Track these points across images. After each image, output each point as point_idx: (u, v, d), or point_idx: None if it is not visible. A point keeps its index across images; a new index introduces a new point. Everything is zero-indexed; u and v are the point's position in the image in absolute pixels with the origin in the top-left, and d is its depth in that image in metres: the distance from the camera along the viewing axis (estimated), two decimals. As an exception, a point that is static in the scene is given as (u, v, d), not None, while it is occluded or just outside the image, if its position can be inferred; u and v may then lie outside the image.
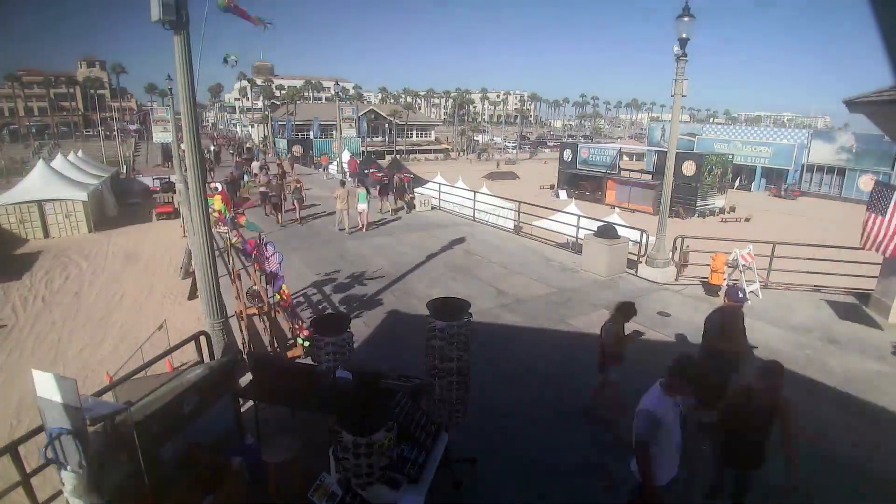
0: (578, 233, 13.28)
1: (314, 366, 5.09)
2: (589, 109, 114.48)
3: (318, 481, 3.65)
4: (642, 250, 11.75)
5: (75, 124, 76.71)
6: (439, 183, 21.98)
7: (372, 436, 3.25)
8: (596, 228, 11.81)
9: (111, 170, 37.49)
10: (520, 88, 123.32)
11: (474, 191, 20.28)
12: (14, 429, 9.56)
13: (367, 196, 15.19)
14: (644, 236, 11.73)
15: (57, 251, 21.95)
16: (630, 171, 39.14)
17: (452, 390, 4.54)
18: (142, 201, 31.89)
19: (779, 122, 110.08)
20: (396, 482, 3.64)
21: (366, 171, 28.24)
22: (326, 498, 3.51)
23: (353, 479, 3.42)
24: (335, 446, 3.48)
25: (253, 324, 7.92)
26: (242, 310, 7.52)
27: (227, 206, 8.28)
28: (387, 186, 18.62)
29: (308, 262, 11.84)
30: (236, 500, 3.95)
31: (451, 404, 4.58)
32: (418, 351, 4.86)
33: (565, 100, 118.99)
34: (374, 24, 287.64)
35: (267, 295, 7.76)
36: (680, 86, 9.75)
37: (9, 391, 11.07)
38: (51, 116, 75.05)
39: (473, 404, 4.95)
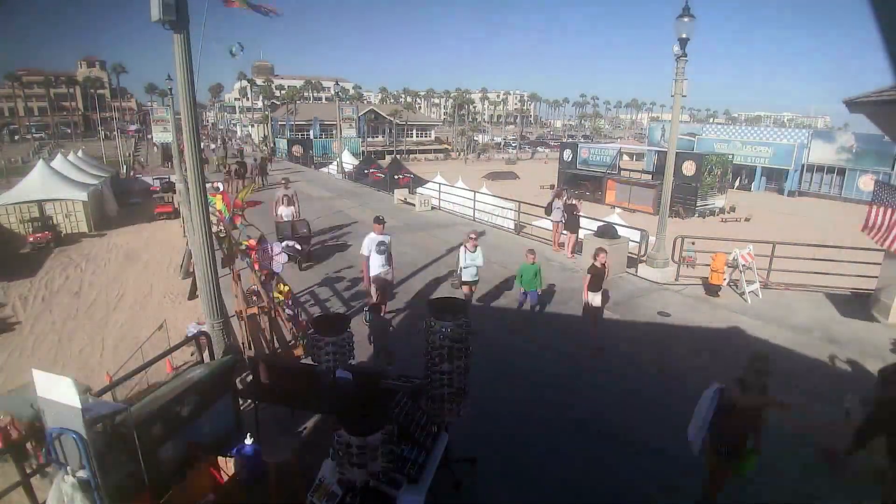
0: (578, 233, 13.27)
1: (314, 366, 5.09)
2: (589, 109, 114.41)
3: (317, 481, 3.65)
4: (642, 250, 11.75)
5: (75, 124, 76.68)
6: (439, 183, 21.98)
7: (367, 437, 3.24)
8: (596, 228, 11.81)
9: (111, 170, 37.49)
10: (520, 88, 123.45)
11: (474, 191, 20.28)
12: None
13: None
14: (644, 236, 11.72)
15: (57, 251, 21.96)
16: (630, 171, 39.11)
17: (452, 390, 4.53)
18: (142, 201, 31.88)
19: (779, 122, 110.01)
20: (396, 482, 3.64)
21: (365, 170, 28.23)
22: (326, 498, 3.52)
23: (349, 478, 3.42)
24: (335, 446, 3.48)
25: (253, 324, 7.92)
26: (242, 310, 7.52)
27: (227, 207, 8.26)
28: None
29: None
30: (234, 499, 3.96)
31: (451, 404, 4.58)
32: (418, 351, 4.86)
33: (565, 100, 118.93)
34: (374, 24, 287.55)
35: (266, 294, 7.75)
36: (680, 86, 9.75)
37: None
38: (51, 116, 75.00)
39: (473, 404, 4.95)
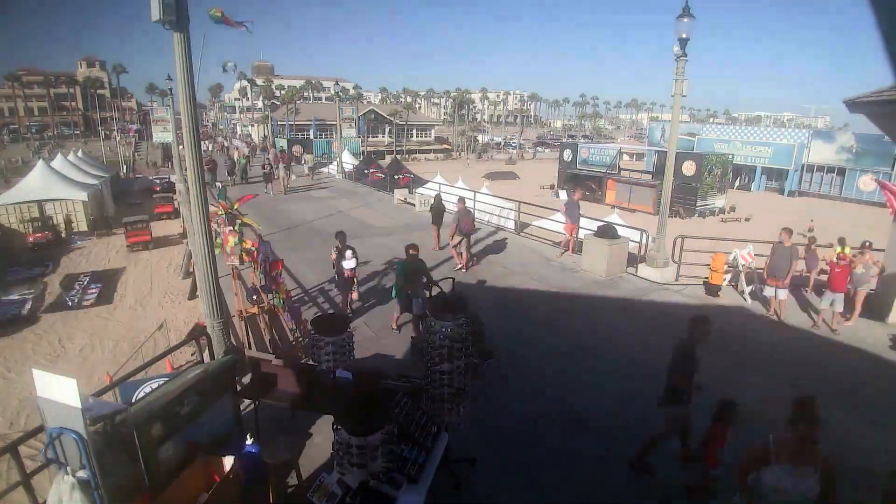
0: (579, 233, 13.28)
1: (314, 366, 5.09)
2: (589, 109, 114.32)
3: (317, 481, 3.65)
4: (642, 250, 11.75)
5: (75, 124, 76.65)
6: (439, 183, 21.97)
7: (367, 437, 3.24)
8: (596, 228, 11.82)
9: (111, 170, 37.49)
10: (520, 88, 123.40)
11: (474, 191, 20.26)
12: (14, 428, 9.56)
13: None
14: (644, 236, 11.72)
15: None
16: (630, 170, 39.09)
17: (452, 390, 4.53)
18: (142, 201, 31.87)
19: (779, 122, 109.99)
20: (396, 482, 3.64)
21: (366, 170, 28.19)
22: (326, 498, 3.51)
23: (347, 478, 3.42)
24: (335, 444, 3.48)
25: (254, 323, 7.93)
26: (242, 310, 7.53)
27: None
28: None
29: (307, 262, 11.84)
30: (231, 499, 3.95)
31: (451, 404, 4.58)
32: (416, 347, 4.86)
33: (565, 100, 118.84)
34: (374, 24, 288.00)
35: (267, 294, 7.77)
36: (680, 86, 9.75)
37: (9, 391, 11.07)
38: (51, 116, 74.94)
39: (473, 404, 4.95)
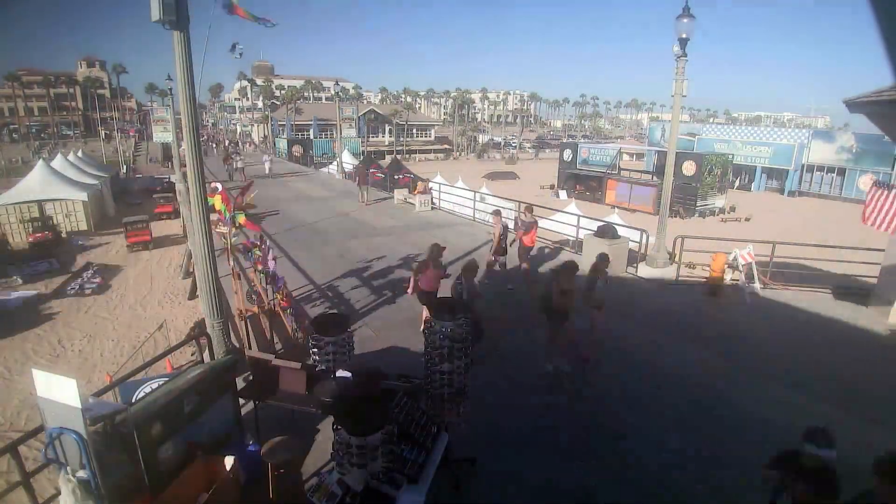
0: (578, 232, 13.29)
1: (314, 365, 5.09)
2: (589, 109, 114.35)
3: (318, 481, 3.65)
4: (642, 250, 11.75)
5: (75, 124, 76.67)
6: (439, 183, 22.00)
7: (367, 437, 3.24)
8: (596, 228, 11.81)
9: (111, 169, 37.51)
10: (520, 88, 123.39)
11: (474, 191, 20.28)
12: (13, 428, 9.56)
13: None
14: (644, 236, 11.73)
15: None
16: (630, 170, 39.12)
17: (453, 390, 4.53)
18: (142, 202, 31.86)
19: (779, 122, 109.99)
20: (396, 482, 3.64)
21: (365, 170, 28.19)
22: (326, 498, 3.52)
23: (347, 478, 3.42)
24: (335, 444, 3.48)
25: (254, 323, 7.93)
26: (242, 309, 7.53)
27: (226, 206, 8.27)
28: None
29: (307, 262, 11.84)
30: (230, 499, 3.95)
31: (451, 404, 4.58)
32: (418, 350, 4.86)
33: (565, 100, 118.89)
34: (374, 24, 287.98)
35: (267, 294, 7.77)
36: (680, 85, 9.75)
37: (9, 392, 11.07)
38: (51, 116, 74.97)
39: (473, 404, 4.95)
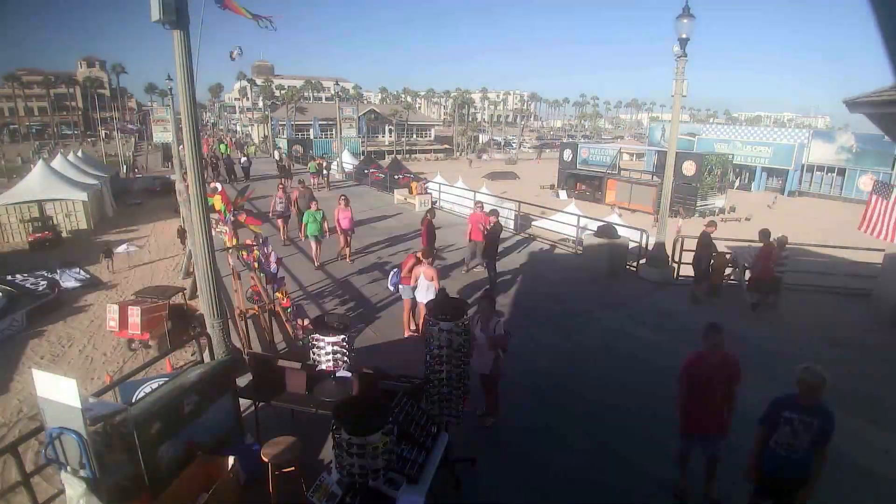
0: (578, 232, 13.30)
1: (314, 365, 5.09)
2: (589, 109, 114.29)
3: (317, 481, 3.65)
4: (642, 250, 11.75)
5: (75, 124, 76.67)
6: (439, 183, 21.99)
7: (367, 437, 3.24)
8: (596, 228, 11.82)
9: (111, 169, 37.49)
10: (520, 88, 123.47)
11: (474, 191, 20.27)
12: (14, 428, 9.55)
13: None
14: (644, 236, 11.73)
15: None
16: (630, 170, 39.12)
17: (452, 389, 4.53)
18: (142, 202, 31.82)
19: (779, 122, 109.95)
20: (396, 482, 3.63)
21: (365, 170, 28.18)
22: (326, 498, 3.52)
23: (347, 478, 3.41)
24: (335, 444, 3.48)
25: (254, 323, 7.93)
26: (242, 310, 7.53)
27: (227, 207, 8.27)
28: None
29: (307, 262, 11.84)
30: (230, 499, 3.96)
31: (451, 403, 4.58)
32: (418, 350, 4.86)
33: (565, 100, 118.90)
34: (374, 24, 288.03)
35: (267, 295, 7.76)
36: (680, 86, 9.75)
37: (9, 392, 11.06)
38: (51, 116, 74.97)
39: (473, 404, 4.95)
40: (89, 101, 76.91)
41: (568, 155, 41.65)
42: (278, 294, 7.79)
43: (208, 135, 55.75)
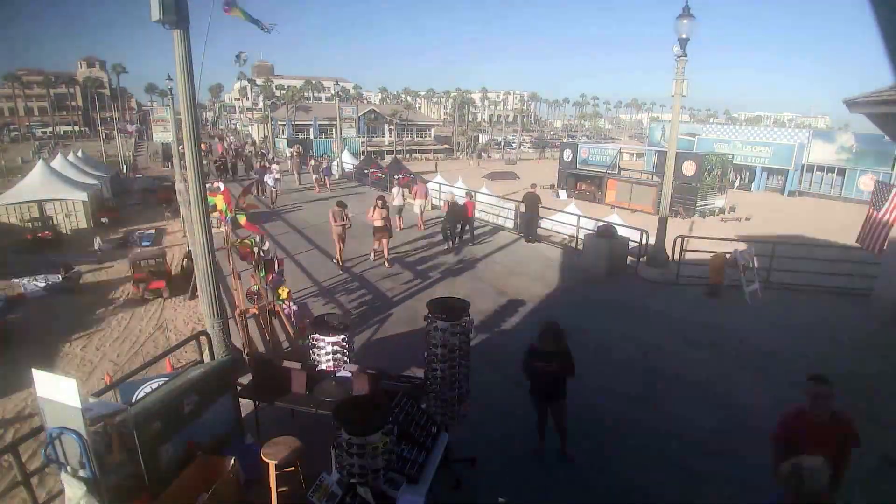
0: (578, 232, 13.30)
1: (314, 365, 5.09)
2: (589, 109, 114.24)
3: (318, 481, 3.65)
4: (642, 250, 11.75)
5: (75, 124, 76.67)
6: (439, 183, 21.99)
7: (367, 437, 3.24)
8: (596, 228, 11.82)
9: (111, 169, 37.49)
10: (520, 88, 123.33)
11: (474, 190, 20.25)
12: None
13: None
14: (644, 236, 11.73)
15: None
16: (630, 170, 39.10)
17: (453, 389, 4.54)
18: (141, 202, 31.75)
19: (779, 122, 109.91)
20: (396, 482, 3.63)
21: (365, 170, 28.18)
22: (326, 498, 3.51)
23: (347, 478, 3.41)
24: (334, 444, 3.48)
25: (254, 323, 7.93)
26: (242, 310, 7.53)
27: (227, 206, 8.29)
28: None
29: (307, 262, 11.84)
30: (230, 499, 3.95)
31: (451, 404, 4.58)
32: (418, 350, 4.85)
33: (565, 100, 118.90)
34: (374, 24, 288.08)
35: (267, 294, 7.76)
36: (680, 86, 9.75)
37: (9, 392, 11.05)
38: (51, 116, 74.97)
39: (473, 404, 4.95)
40: (89, 101, 76.92)
41: (568, 155, 41.60)
42: (279, 293, 7.79)
43: (209, 134, 55.69)
